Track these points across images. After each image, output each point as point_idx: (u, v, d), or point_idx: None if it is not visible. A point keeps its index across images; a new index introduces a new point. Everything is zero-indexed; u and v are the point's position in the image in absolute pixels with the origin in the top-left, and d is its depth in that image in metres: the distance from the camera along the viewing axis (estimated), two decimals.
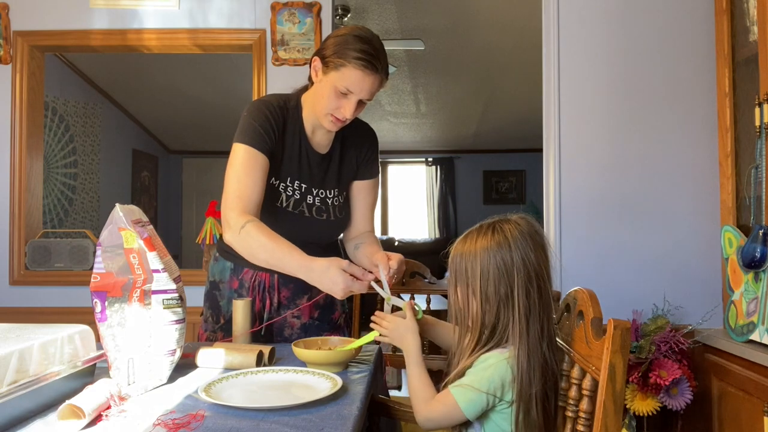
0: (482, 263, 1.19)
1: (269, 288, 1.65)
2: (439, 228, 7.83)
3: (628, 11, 2.55)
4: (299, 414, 1.05)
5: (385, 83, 1.53)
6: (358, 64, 1.45)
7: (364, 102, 1.52)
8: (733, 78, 2.29)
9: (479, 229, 1.23)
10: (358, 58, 1.45)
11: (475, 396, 1.15)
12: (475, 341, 1.21)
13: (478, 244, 1.20)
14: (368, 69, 1.46)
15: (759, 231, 1.94)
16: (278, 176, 1.60)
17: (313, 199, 1.63)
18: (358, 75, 1.46)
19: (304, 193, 1.62)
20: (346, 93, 1.48)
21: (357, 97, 1.49)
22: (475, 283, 1.19)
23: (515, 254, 1.18)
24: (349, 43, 1.47)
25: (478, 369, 1.18)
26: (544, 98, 2.62)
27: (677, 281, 2.47)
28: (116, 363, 1.18)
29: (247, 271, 1.67)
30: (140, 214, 1.26)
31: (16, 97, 2.90)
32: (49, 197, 4.95)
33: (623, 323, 0.99)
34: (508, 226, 1.21)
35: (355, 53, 1.45)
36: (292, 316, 1.68)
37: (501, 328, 1.19)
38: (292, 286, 1.66)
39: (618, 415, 0.98)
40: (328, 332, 1.69)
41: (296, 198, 1.62)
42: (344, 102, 1.50)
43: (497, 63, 5.18)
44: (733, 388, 2.07)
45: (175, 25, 2.88)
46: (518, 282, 1.17)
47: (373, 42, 1.49)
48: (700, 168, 2.50)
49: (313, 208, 1.63)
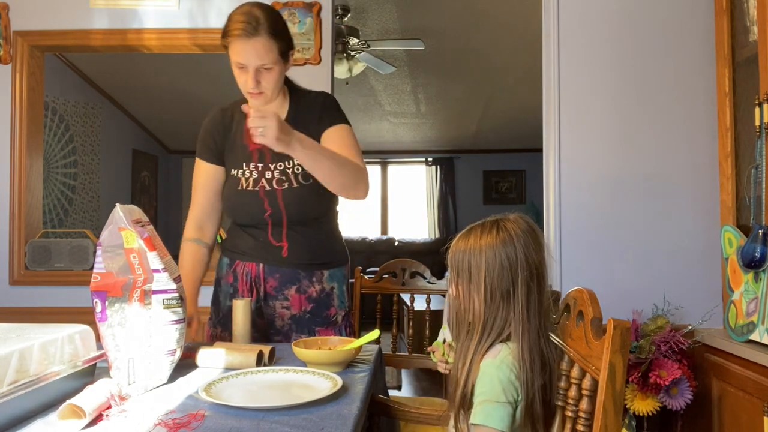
0: (487, 259, 1.20)
1: (256, 278, 1.69)
2: (439, 228, 7.82)
3: (628, 11, 2.55)
4: (299, 414, 1.05)
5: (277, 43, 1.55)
6: (235, 36, 1.53)
7: (266, 68, 1.56)
8: (733, 78, 2.29)
9: (482, 227, 1.25)
10: (233, 29, 1.54)
11: (503, 411, 1.14)
12: (478, 338, 1.21)
13: (483, 240, 1.22)
14: (243, 36, 1.52)
15: (759, 231, 1.94)
16: (236, 166, 1.70)
17: (272, 173, 1.66)
18: (239, 45, 1.54)
19: (261, 170, 1.67)
20: (242, 67, 1.57)
21: (251, 66, 1.55)
22: (479, 279, 1.21)
23: (519, 251, 1.20)
24: (227, 22, 1.57)
25: (485, 383, 1.17)
26: (544, 98, 2.62)
27: (677, 281, 2.47)
28: (116, 363, 1.18)
29: (238, 263, 1.72)
30: (140, 214, 1.26)
31: (16, 97, 2.90)
32: (49, 197, 4.95)
33: (623, 323, 0.99)
34: (510, 224, 1.23)
35: (230, 27, 1.55)
36: (281, 306, 1.69)
37: (503, 323, 1.20)
38: (278, 276, 1.68)
39: (618, 415, 0.98)
40: (321, 327, 1.69)
41: (254, 177, 1.67)
42: (245, 75, 1.58)
43: (497, 63, 5.18)
44: (733, 388, 2.07)
45: (175, 25, 2.88)
46: (521, 278, 1.19)
47: (245, 10, 1.55)
48: (700, 168, 2.50)
49: (273, 181, 1.66)
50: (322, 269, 1.71)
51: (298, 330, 1.69)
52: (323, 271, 1.72)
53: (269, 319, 1.70)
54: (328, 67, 2.83)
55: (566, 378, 1.19)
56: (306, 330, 1.68)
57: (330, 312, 1.72)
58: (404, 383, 4.24)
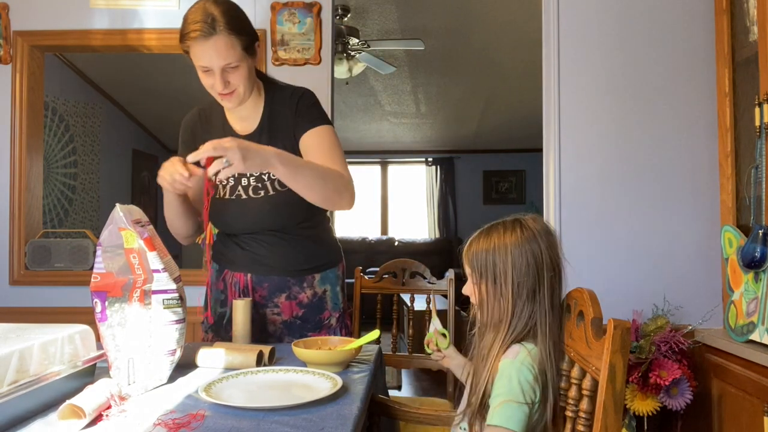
0: (513, 257, 1.20)
1: (244, 288, 1.65)
2: (439, 228, 7.82)
3: (627, 11, 2.55)
4: (299, 414, 1.05)
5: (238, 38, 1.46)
6: (192, 39, 1.45)
7: (232, 67, 1.48)
8: (733, 78, 2.29)
9: (503, 225, 1.25)
10: (189, 32, 1.45)
11: (521, 412, 1.13)
12: (503, 336, 1.21)
13: (507, 239, 1.22)
14: (201, 37, 1.44)
15: (759, 231, 1.94)
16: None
17: (248, 180, 1.60)
18: (198, 48, 1.45)
19: (237, 178, 1.60)
20: (207, 70, 1.49)
21: (216, 67, 1.47)
22: (505, 278, 1.21)
23: (543, 249, 1.21)
24: (183, 24, 1.48)
25: (504, 383, 1.16)
26: (544, 98, 2.62)
27: (677, 281, 2.47)
28: (116, 363, 1.18)
29: (227, 272, 1.68)
30: (140, 214, 1.26)
31: (16, 97, 2.89)
32: (49, 197, 4.95)
33: (623, 323, 0.99)
34: (531, 222, 1.24)
35: (186, 30, 1.46)
36: (272, 313, 1.66)
37: (528, 320, 1.20)
38: (267, 285, 1.65)
39: (618, 415, 0.98)
40: (314, 332, 1.66)
41: (231, 184, 1.61)
42: (212, 78, 1.50)
43: (497, 63, 5.18)
44: (733, 388, 2.07)
45: (175, 25, 2.88)
46: (546, 276, 1.21)
47: (199, 9, 1.46)
48: (700, 168, 2.50)
49: (249, 188, 1.60)
50: (312, 273, 1.67)
51: (290, 335, 1.66)
52: (314, 275, 1.67)
53: (261, 325, 1.66)
54: (328, 67, 2.83)
55: (566, 378, 1.19)
56: (298, 335, 1.64)
57: (323, 315, 1.69)
58: (404, 383, 4.24)
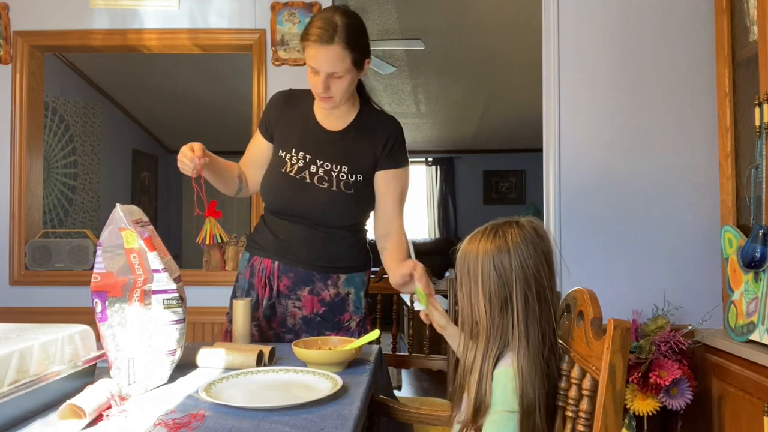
0: (483, 265, 1.19)
1: (270, 275, 1.70)
2: (439, 228, 7.82)
3: (627, 11, 2.55)
4: (299, 414, 1.05)
5: (350, 53, 1.58)
6: (311, 40, 1.57)
7: (337, 77, 1.59)
8: (733, 78, 2.29)
9: (484, 231, 1.23)
10: (309, 34, 1.57)
11: (515, 421, 1.12)
12: (484, 346, 1.19)
13: (480, 246, 1.21)
14: (318, 42, 1.55)
15: (759, 231, 1.94)
16: (284, 148, 1.73)
17: (317, 168, 1.69)
18: (313, 51, 1.57)
19: (308, 162, 1.70)
20: (314, 71, 1.60)
21: (323, 71, 1.58)
22: (477, 285, 1.20)
23: (513, 259, 1.17)
24: (308, 25, 1.60)
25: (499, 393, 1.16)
26: (544, 98, 2.62)
27: (677, 281, 2.47)
28: (116, 363, 1.18)
29: (255, 258, 1.74)
30: (140, 214, 1.26)
31: (16, 97, 2.90)
32: (49, 197, 4.95)
33: (623, 323, 0.99)
34: (511, 230, 1.20)
35: (308, 31, 1.58)
36: (293, 306, 1.69)
37: (503, 330, 1.18)
38: (292, 275, 1.69)
39: (618, 415, 0.98)
40: (331, 332, 1.67)
41: (300, 165, 1.70)
42: (316, 79, 1.61)
43: (497, 63, 5.18)
44: (733, 388, 2.07)
45: (175, 25, 2.88)
46: (516, 287, 1.17)
47: (326, 16, 1.58)
48: (700, 168, 2.50)
49: (315, 177, 1.69)
50: (338, 273, 1.70)
51: (308, 332, 1.68)
52: (339, 275, 1.70)
53: (281, 317, 1.70)
54: None
55: (566, 378, 1.19)
56: (316, 333, 1.66)
57: (344, 317, 1.71)
58: (404, 383, 4.24)
